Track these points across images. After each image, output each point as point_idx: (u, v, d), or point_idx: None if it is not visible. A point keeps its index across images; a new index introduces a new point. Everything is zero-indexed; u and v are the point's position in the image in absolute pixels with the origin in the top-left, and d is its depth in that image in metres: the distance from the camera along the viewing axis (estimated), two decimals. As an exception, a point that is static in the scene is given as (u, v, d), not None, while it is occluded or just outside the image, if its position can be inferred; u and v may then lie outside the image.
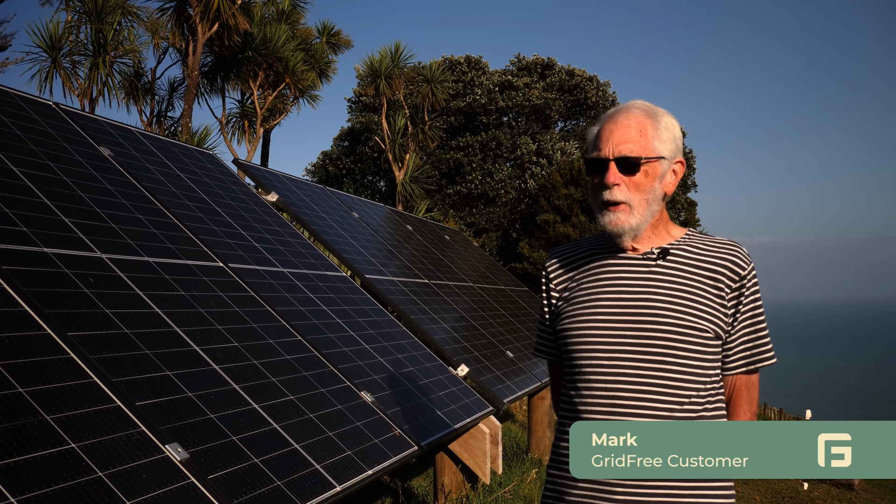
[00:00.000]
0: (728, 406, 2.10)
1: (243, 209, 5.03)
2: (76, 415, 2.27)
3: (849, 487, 9.71)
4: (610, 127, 2.03)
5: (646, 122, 2.01)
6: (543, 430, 7.79)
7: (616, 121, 2.03)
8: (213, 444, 2.61)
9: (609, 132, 2.02)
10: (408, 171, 19.37)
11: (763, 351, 2.06)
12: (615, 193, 1.99)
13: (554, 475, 2.10)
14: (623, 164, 1.99)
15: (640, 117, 2.02)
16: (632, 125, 2.01)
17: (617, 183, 1.99)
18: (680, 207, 27.41)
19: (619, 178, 1.99)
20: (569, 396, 2.07)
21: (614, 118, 2.04)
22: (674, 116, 2.09)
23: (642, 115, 2.02)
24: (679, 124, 2.10)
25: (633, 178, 1.99)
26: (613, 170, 1.99)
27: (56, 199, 3.30)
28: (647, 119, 2.02)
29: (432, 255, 8.63)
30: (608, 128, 2.03)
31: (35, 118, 3.86)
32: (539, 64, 29.17)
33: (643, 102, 2.07)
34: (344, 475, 3.03)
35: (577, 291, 2.11)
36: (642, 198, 2.00)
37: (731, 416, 2.10)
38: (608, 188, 2.00)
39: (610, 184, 1.99)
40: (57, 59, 13.93)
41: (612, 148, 1.99)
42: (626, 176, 1.99)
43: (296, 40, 18.18)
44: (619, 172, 1.99)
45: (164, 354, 2.87)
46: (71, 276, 2.89)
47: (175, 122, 17.63)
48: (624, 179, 1.99)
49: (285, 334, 3.81)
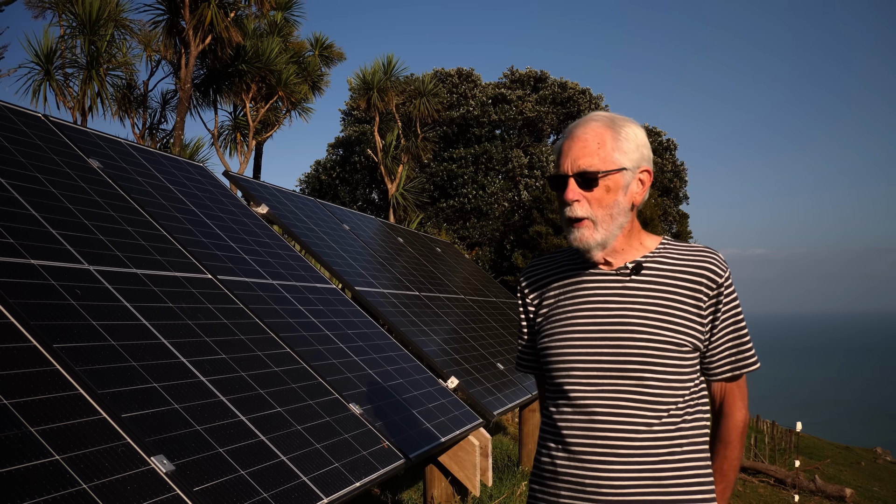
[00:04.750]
0: (722, 409, 2.11)
1: (233, 221, 5.03)
2: (61, 427, 2.26)
3: (841, 500, 9.72)
4: (569, 143, 2.01)
5: (605, 133, 1.98)
6: (534, 442, 7.78)
7: (574, 135, 2.01)
8: (200, 455, 2.61)
9: (568, 147, 2.00)
10: (400, 184, 19.40)
11: (746, 357, 2.07)
12: (576, 210, 1.98)
13: (535, 490, 2.10)
14: (582, 179, 1.97)
15: (598, 129, 1.99)
16: (589, 138, 1.98)
17: (577, 199, 1.97)
18: (672, 220, 27.49)
19: (578, 195, 1.97)
20: (549, 413, 2.08)
21: (573, 133, 2.02)
22: (638, 124, 2.05)
23: (601, 127, 1.99)
24: (644, 132, 2.07)
25: (593, 194, 1.97)
26: (573, 185, 1.97)
27: (44, 211, 3.30)
28: (607, 130, 1.99)
29: (424, 267, 8.64)
30: (567, 143, 2.01)
31: (24, 130, 3.86)
32: (532, 77, 29.29)
33: (604, 113, 2.05)
34: (331, 487, 3.02)
35: (555, 309, 2.11)
36: (605, 213, 1.98)
37: (728, 418, 2.11)
38: (569, 205, 1.99)
39: (570, 200, 1.98)
40: (50, 72, 13.94)
41: (570, 163, 1.98)
42: (585, 191, 1.97)
43: (288, 53, 18.23)
44: (577, 188, 1.97)
45: (150, 366, 2.87)
46: (58, 288, 2.89)
47: (167, 134, 17.65)
48: (584, 195, 1.97)
49: (274, 346, 3.80)
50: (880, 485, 12.70)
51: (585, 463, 1.95)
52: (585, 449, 1.96)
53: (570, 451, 1.98)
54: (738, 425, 2.11)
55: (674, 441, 1.94)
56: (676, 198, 28.83)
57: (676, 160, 29.36)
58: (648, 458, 1.92)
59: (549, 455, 2.05)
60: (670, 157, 29.25)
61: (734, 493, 9.35)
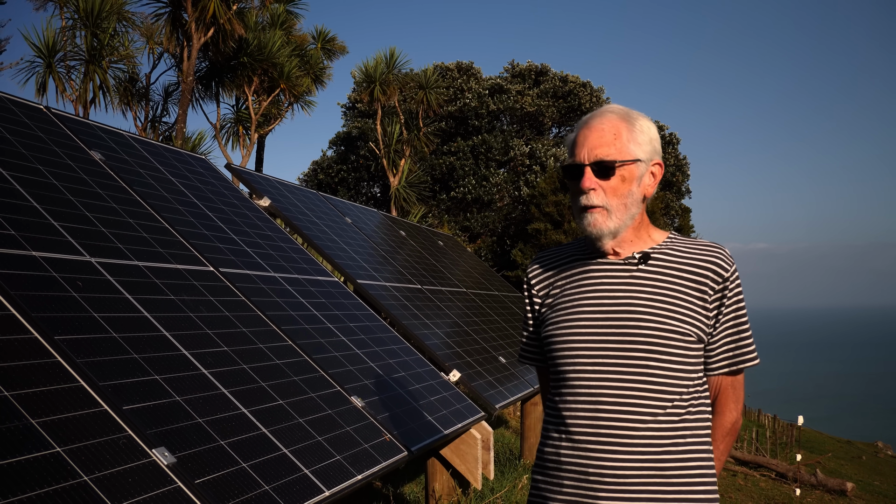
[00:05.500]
0: (714, 406, 2.12)
1: (235, 214, 5.02)
2: (62, 419, 2.26)
3: (842, 494, 9.71)
4: (585, 132, 2.03)
5: (620, 125, 2.02)
6: (537, 436, 7.79)
7: (591, 126, 2.03)
8: (201, 448, 2.60)
9: (584, 137, 2.02)
10: (402, 178, 19.38)
11: (746, 352, 2.07)
12: (591, 198, 2.00)
13: (538, 480, 2.10)
14: (598, 168, 1.99)
15: (614, 121, 2.03)
16: (606, 129, 2.01)
17: (593, 187, 2.00)
18: (674, 214, 27.46)
19: (594, 183, 2.00)
20: (553, 402, 2.08)
21: (589, 123, 2.05)
22: (650, 119, 2.09)
23: (617, 119, 2.03)
24: (656, 127, 2.11)
25: (609, 182, 2.00)
26: (589, 174, 2.00)
27: (45, 203, 3.29)
28: (622, 122, 2.03)
29: (426, 260, 8.63)
30: (583, 133, 2.03)
31: (26, 122, 3.85)
32: (532, 70, 29.26)
33: (618, 106, 2.08)
34: (333, 480, 3.02)
35: (560, 298, 2.12)
36: (620, 202, 2.01)
37: (718, 416, 2.12)
38: (585, 193, 2.01)
39: (586, 188, 2.00)
40: (52, 65, 13.93)
41: (587, 153, 2.00)
42: (601, 180, 2.00)
43: (291, 46, 18.20)
44: (594, 177, 2.00)
45: (152, 358, 2.86)
46: (59, 280, 2.88)
47: (170, 127, 17.64)
48: (600, 184, 2.00)
49: (276, 339, 3.80)
50: (881, 479, 12.70)
51: (589, 452, 1.95)
52: (590, 438, 1.96)
53: (574, 440, 1.98)
54: (724, 425, 2.12)
55: (678, 432, 1.95)
56: (679, 192, 28.82)
57: (679, 154, 29.35)
58: (652, 448, 1.92)
59: (552, 445, 2.05)
60: (673, 151, 29.23)
61: (735, 487, 9.35)
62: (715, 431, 2.11)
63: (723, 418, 2.12)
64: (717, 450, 2.11)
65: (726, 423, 2.12)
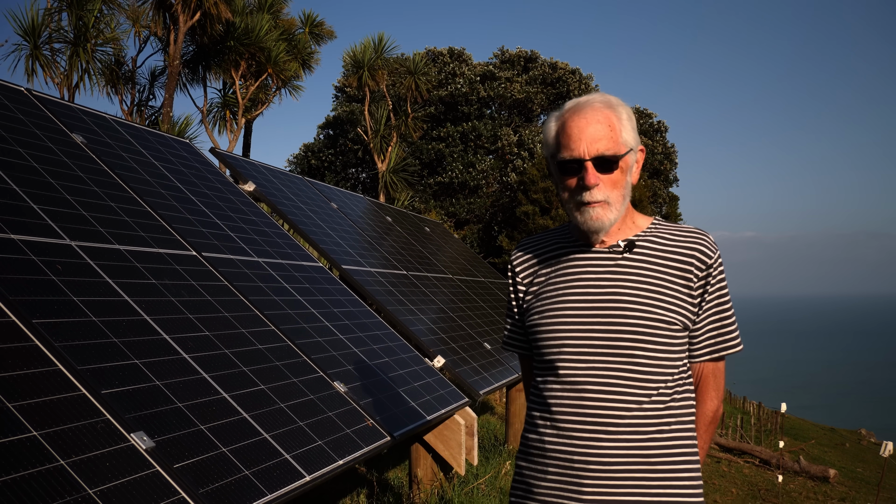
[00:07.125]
0: (695, 393, 2.12)
1: (219, 198, 5.00)
2: (39, 402, 2.24)
3: (825, 480, 9.79)
4: (578, 124, 1.97)
5: (611, 115, 1.98)
6: (521, 421, 7.81)
7: (584, 117, 1.97)
8: (180, 432, 2.60)
9: (579, 130, 1.96)
10: (390, 163, 19.34)
11: (730, 339, 2.07)
12: (595, 194, 1.96)
13: (522, 467, 2.10)
14: (600, 162, 1.95)
15: (604, 111, 1.98)
16: (601, 121, 1.96)
17: (598, 183, 1.96)
18: (662, 202, 27.51)
19: (598, 178, 1.96)
20: (538, 389, 2.07)
21: (579, 115, 1.98)
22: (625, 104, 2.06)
23: (605, 109, 1.98)
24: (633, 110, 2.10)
25: (611, 176, 1.97)
26: (592, 170, 1.95)
27: (25, 186, 3.26)
28: (611, 112, 1.99)
29: (412, 246, 8.62)
30: (576, 125, 1.97)
31: (6, 104, 3.81)
32: (522, 57, 29.20)
33: (598, 94, 2.04)
34: (314, 465, 3.02)
35: (545, 287, 2.11)
36: (619, 193, 1.99)
37: (699, 405, 2.12)
38: (588, 189, 1.96)
39: (591, 185, 1.95)
40: (38, 46, 13.80)
41: (586, 147, 1.94)
42: (603, 174, 1.97)
43: (278, 30, 18.09)
44: (597, 172, 1.96)
45: (132, 343, 2.85)
46: (38, 264, 2.86)
47: (156, 111, 17.52)
48: (602, 178, 1.96)
49: (258, 324, 3.79)
50: (864, 466, 12.80)
51: (574, 439, 1.95)
52: (575, 426, 1.95)
53: (558, 427, 1.98)
54: (706, 414, 2.12)
55: (662, 419, 1.95)
56: (666, 180, 28.85)
57: (667, 142, 29.37)
58: (637, 436, 1.92)
59: (536, 431, 2.05)
60: (661, 138, 29.25)
61: (719, 473, 9.41)
62: (697, 421, 2.10)
63: (704, 407, 2.11)
64: (699, 439, 2.11)
65: (707, 412, 2.12)
